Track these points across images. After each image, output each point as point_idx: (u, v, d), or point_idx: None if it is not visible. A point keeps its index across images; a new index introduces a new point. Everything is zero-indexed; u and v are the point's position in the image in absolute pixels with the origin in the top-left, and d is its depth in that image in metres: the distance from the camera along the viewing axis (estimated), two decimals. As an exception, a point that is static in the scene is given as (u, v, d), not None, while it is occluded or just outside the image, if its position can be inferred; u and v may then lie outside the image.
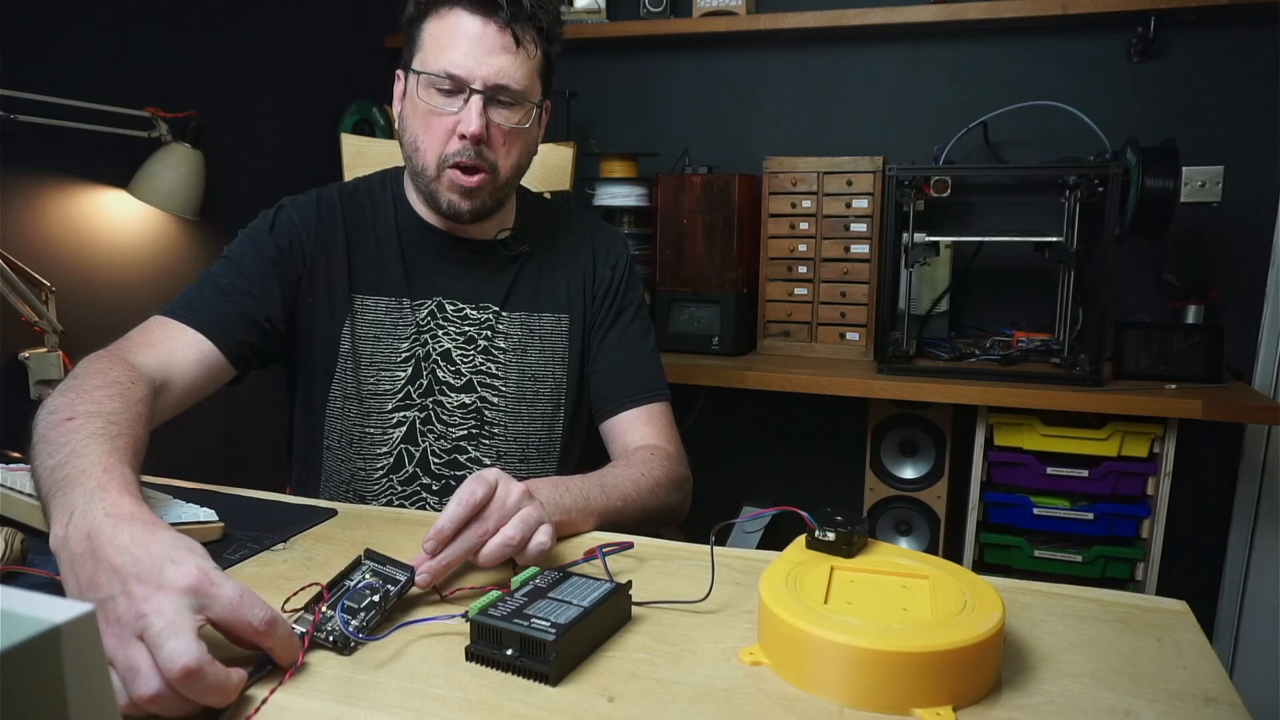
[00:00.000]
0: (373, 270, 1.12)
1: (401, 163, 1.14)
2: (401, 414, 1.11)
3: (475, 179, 1.05)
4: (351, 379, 1.11)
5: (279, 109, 2.05)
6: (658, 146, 2.22)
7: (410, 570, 0.72)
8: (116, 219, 1.70)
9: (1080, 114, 1.83)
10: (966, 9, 1.93)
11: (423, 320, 1.12)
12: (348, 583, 0.70)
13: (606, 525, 0.93)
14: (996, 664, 0.62)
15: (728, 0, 2.08)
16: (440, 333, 1.12)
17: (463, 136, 1.01)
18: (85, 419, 0.75)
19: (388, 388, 1.10)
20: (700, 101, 2.26)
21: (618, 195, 2.06)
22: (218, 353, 1.00)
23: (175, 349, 0.97)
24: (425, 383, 1.11)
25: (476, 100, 1.01)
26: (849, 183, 1.92)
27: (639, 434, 1.13)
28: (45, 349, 1.52)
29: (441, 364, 1.12)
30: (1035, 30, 2.00)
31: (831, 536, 0.72)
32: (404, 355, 1.11)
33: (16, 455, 1.09)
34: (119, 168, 1.67)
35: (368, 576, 0.71)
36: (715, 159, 2.13)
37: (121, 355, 0.91)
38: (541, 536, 0.76)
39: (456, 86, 1.01)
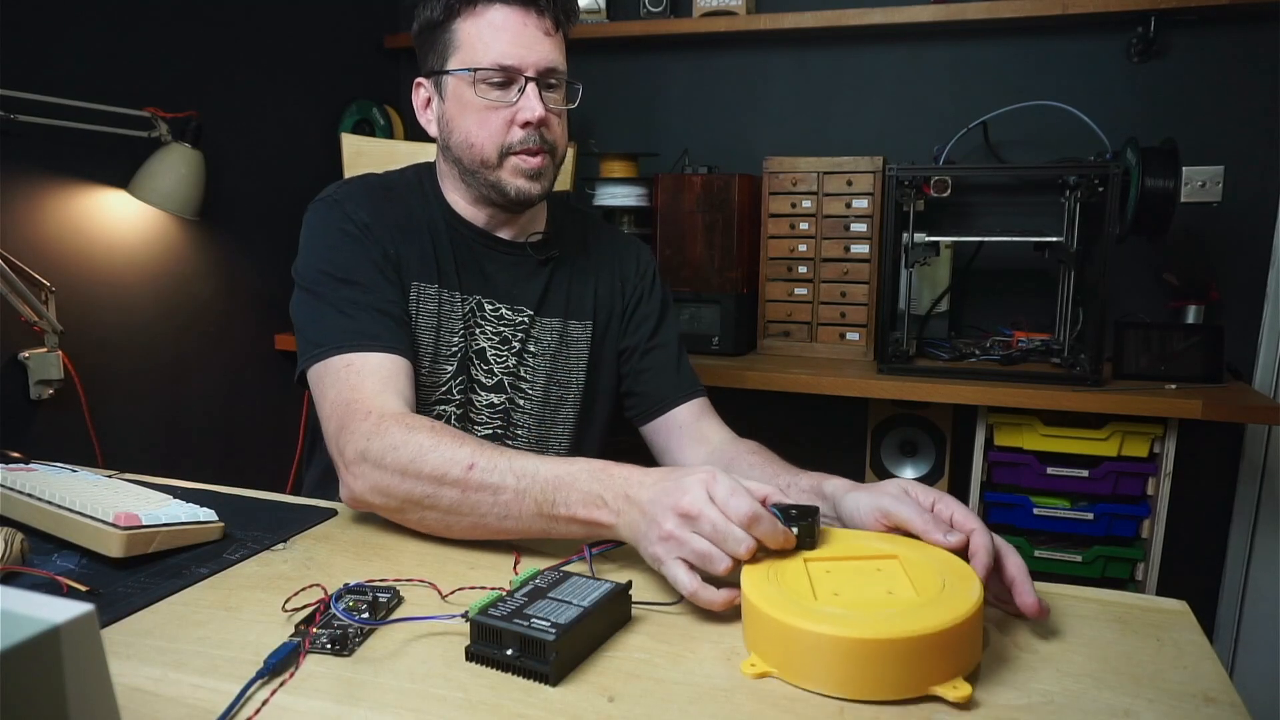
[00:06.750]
0: (429, 261, 1.10)
1: (417, 160, 1.14)
2: (440, 408, 1.10)
3: (539, 159, 1.06)
4: None
5: (279, 109, 2.05)
6: (658, 146, 2.22)
7: (393, 590, 0.72)
8: (116, 219, 1.70)
9: (1080, 114, 1.82)
10: (966, 9, 1.93)
11: (466, 315, 1.12)
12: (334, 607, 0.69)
13: None
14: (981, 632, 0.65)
15: (728, 0, 2.08)
16: (478, 331, 1.12)
17: (526, 124, 1.04)
18: (483, 455, 0.83)
19: (433, 380, 1.10)
20: (700, 101, 2.26)
21: (618, 195, 2.06)
22: (410, 365, 1.01)
23: (398, 379, 0.97)
24: (464, 380, 1.11)
25: (533, 87, 1.03)
26: (849, 183, 1.92)
27: (705, 424, 1.21)
28: (45, 349, 1.52)
29: (476, 362, 1.12)
30: (1035, 30, 2.00)
31: (795, 531, 0.72)
32: (454, 349, 1.10)
33: (17, 455, 1.09)
34: (119, 168, 1.67)
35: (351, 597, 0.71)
36: (715, 159, 2.13)
37: (396, 415, 0.90)
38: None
39: (508, 77, 1.03)
